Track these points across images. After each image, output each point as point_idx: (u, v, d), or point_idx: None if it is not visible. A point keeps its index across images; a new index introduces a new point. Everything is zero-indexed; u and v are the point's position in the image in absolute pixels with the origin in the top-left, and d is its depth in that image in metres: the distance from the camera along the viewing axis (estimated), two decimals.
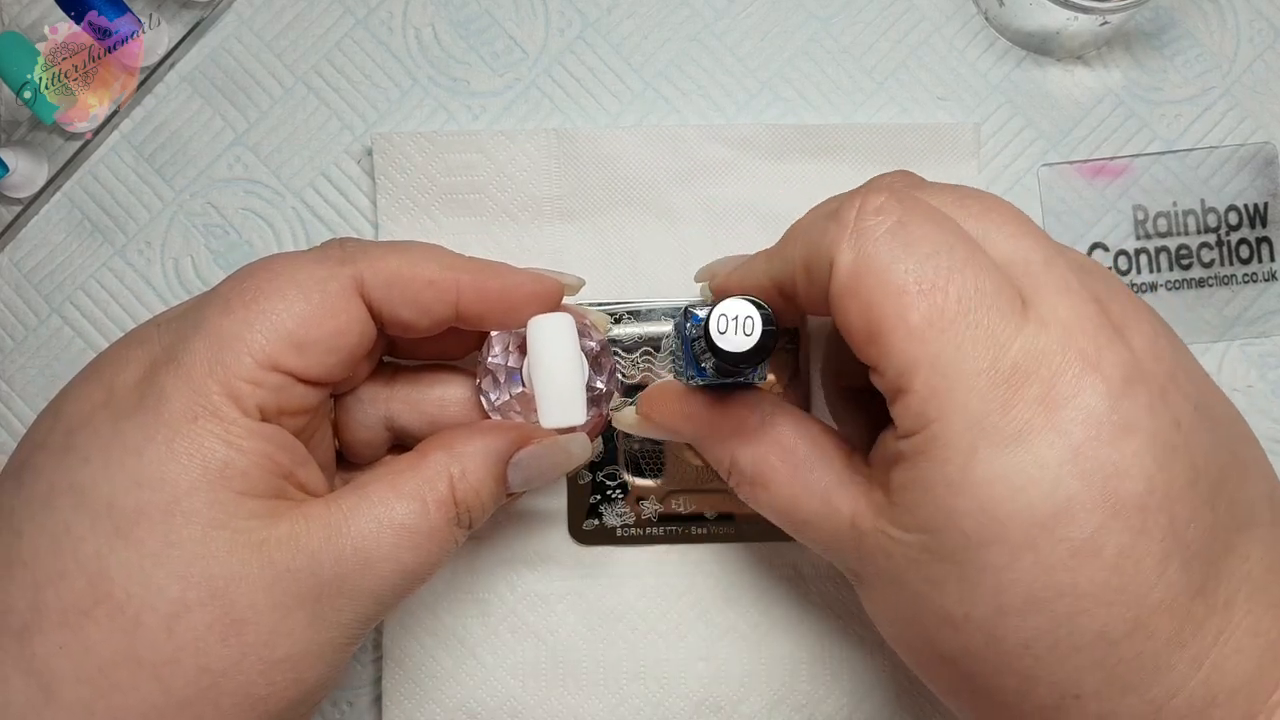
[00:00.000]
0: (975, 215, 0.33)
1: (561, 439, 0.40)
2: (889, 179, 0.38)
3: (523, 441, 0.39)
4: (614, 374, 0.44)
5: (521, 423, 0.40)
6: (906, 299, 0.31)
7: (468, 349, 0.44)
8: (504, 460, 0.38)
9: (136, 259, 0.52)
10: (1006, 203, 0.34)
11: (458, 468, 0.37)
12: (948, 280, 0.30)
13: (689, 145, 0.51)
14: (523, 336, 0.41)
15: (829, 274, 0.33)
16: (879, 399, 0.34)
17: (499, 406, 0.41)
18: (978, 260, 0.31)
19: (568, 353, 0.39)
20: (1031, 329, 0.30)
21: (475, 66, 0.53)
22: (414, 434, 0.42)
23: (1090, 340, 0.31)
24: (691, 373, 0.38)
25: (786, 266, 0.37)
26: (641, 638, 0.49)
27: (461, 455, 0.37)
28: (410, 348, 0.43)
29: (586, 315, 0.45)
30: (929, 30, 0.53)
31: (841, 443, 0.38)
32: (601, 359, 0.43)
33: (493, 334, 0.42)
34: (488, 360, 0.42)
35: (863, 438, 0.40)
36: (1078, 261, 0.34)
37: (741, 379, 0.37)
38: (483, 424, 0.40)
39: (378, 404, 0.41)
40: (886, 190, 0.33)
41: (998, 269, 0.31)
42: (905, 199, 0.33)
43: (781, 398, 0.48)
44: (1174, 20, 0.53)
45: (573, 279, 0.43)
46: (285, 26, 0.53)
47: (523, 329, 0.40)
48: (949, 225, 0.32)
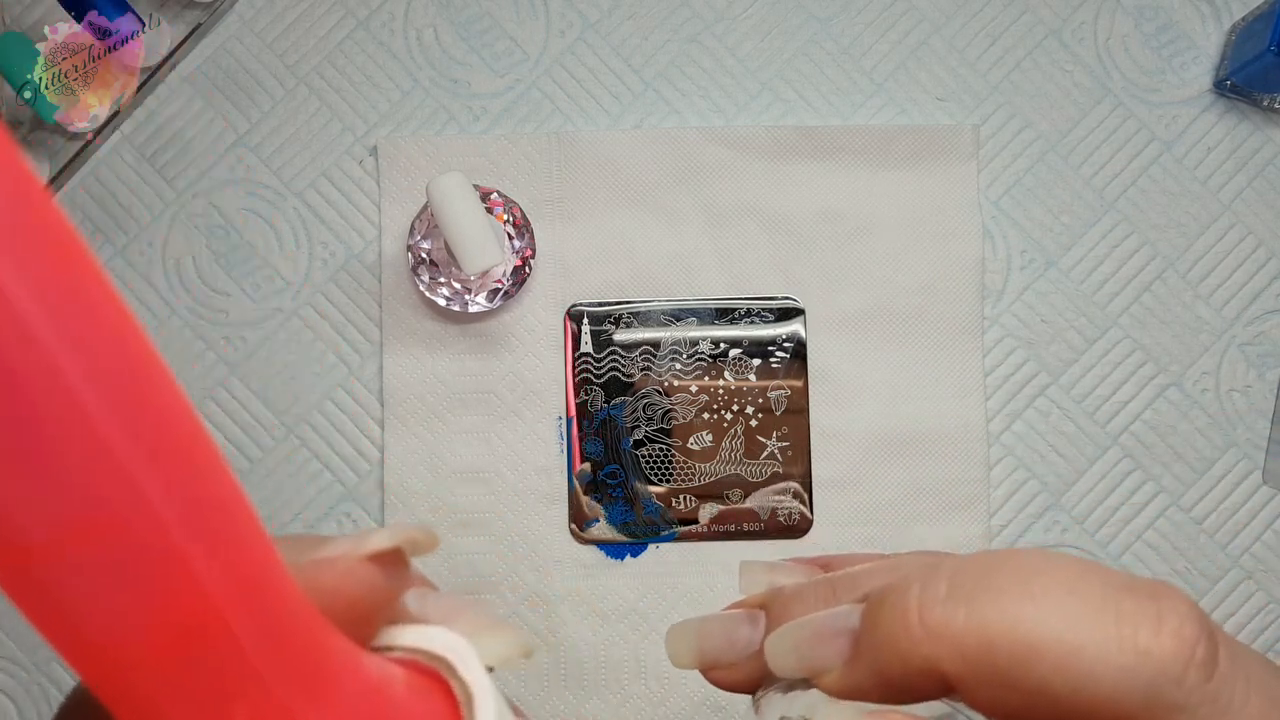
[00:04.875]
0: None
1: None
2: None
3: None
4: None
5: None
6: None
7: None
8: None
9: (138, 259, 0.52)
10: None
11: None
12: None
13: (689, 147, 0.51)
14: (429, 221, 0.44)
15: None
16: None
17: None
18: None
19: (467, 204, 0.40)
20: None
21: (476, 68, 0.53)
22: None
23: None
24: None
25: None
26: (643, 638, 0.49)
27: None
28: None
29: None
30: (929, 31, 0.53)
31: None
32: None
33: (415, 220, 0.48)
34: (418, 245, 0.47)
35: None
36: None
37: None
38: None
39: None
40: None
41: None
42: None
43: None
44: (1172, 22, 0.53)
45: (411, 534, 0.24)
46: (287, 28, 0.53)
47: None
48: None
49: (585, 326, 0.51)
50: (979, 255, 0.51)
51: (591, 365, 0.50)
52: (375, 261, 0.52)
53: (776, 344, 0.50)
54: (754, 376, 0.50)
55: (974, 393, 0.51)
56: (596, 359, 0.50)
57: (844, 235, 0.51)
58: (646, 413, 0.50)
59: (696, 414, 0.50)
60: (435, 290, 0.49)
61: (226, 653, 0.13)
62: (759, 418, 0.50)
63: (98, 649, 0.12)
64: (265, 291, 0.52)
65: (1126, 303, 0.52)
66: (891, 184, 0.51)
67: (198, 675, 0.13)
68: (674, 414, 0.50)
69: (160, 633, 0.12)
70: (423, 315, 0.51)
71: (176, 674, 0.13)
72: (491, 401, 0.51)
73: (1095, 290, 0.52)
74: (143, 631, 0.12)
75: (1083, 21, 0.53)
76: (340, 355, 0.52)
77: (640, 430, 0.50)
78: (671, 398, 0.50)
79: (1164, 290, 0.52)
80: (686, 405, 0.50)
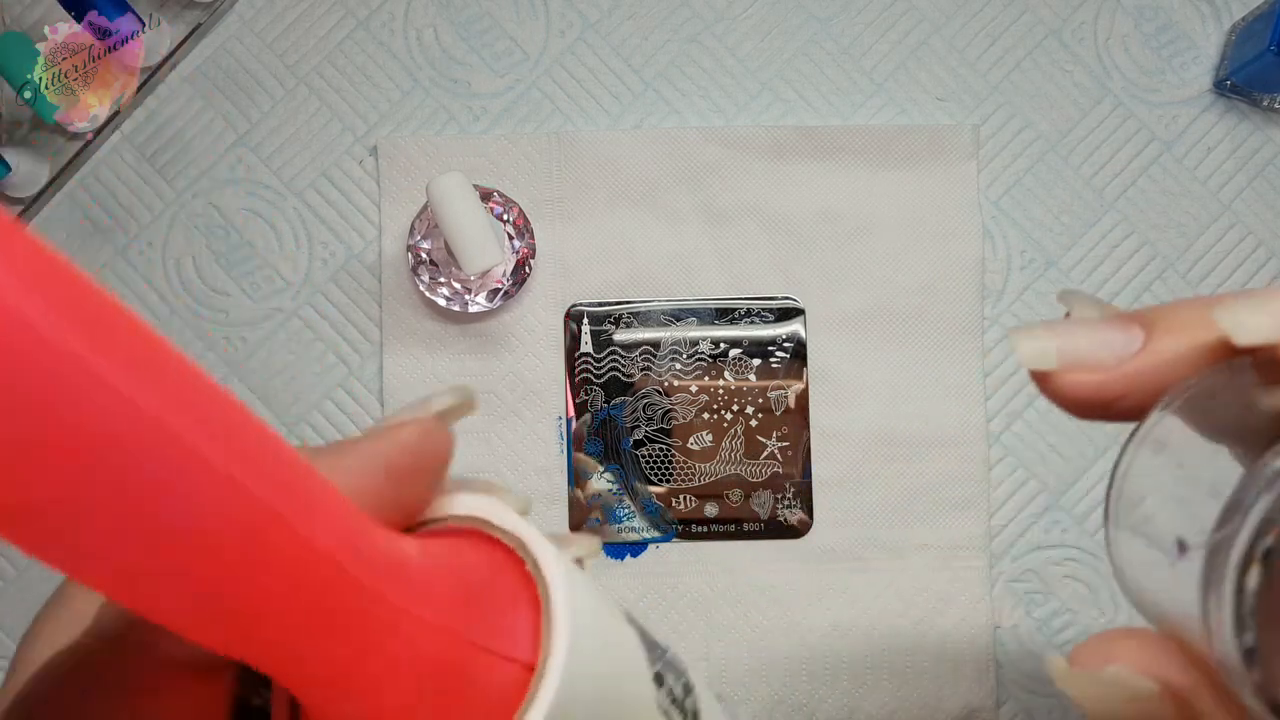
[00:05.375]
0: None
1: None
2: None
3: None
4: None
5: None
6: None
7: None
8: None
9: (138, 259, 0.52)
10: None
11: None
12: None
13: (689, 147, 0.51)
14: (429, 221, 0.44)
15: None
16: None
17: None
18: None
19: (467, 204, 0.39)
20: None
21: (476, 68, 0.53)
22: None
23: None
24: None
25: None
26: None
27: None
28: None
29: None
30: (928, 31, 0.53)
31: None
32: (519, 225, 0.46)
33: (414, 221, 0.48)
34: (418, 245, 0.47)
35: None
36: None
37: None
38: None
39: None
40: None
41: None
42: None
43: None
44: (1172, 22, 0.53)
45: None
46: (287, 28, 0.53)
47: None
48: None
49: (585, 326, 0.51)
50: (979, 255, 0.51)
51: (591, 365, 0.50)
52: (375, 261, 0.52)
53: (776, 344, 0.50)
54: (754, 376, 0.50)
55: (974, 393, 0.51)
56: (596, 359, 0.50)
57: (844, 235, 0.51)
58: (646, 413, 0.50)
59: (696, 414, 0.50)
60: (435, 290, 0.49)
61: (342, 583, 0.16)
62: (759, 418, 0.50)
63: (232, 615, 0.15)
64: (265, 291, 0.52)
65: (1126, 303, 0.52)
66: (891, 184, 0.51)
67: (322, 610, 0.16)
68: (674, 414, 0.50)
69: (289, 589, 0.15)
70: (423, 315, 0.51)
71: (305, 616, 0.16)
72: (491, 401, 0.51)
73: (1095, 290, 0.52)
74: (274, 594, 0.15)
75: (1083, 21, 0.53)
76: (340, 355, 0.52)
77: (640, 430, 0.50)
78: (671, 398, 0.50)
79: (1164, 290, 0.52)
80: (686, 405, 0.50)
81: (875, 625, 0.49)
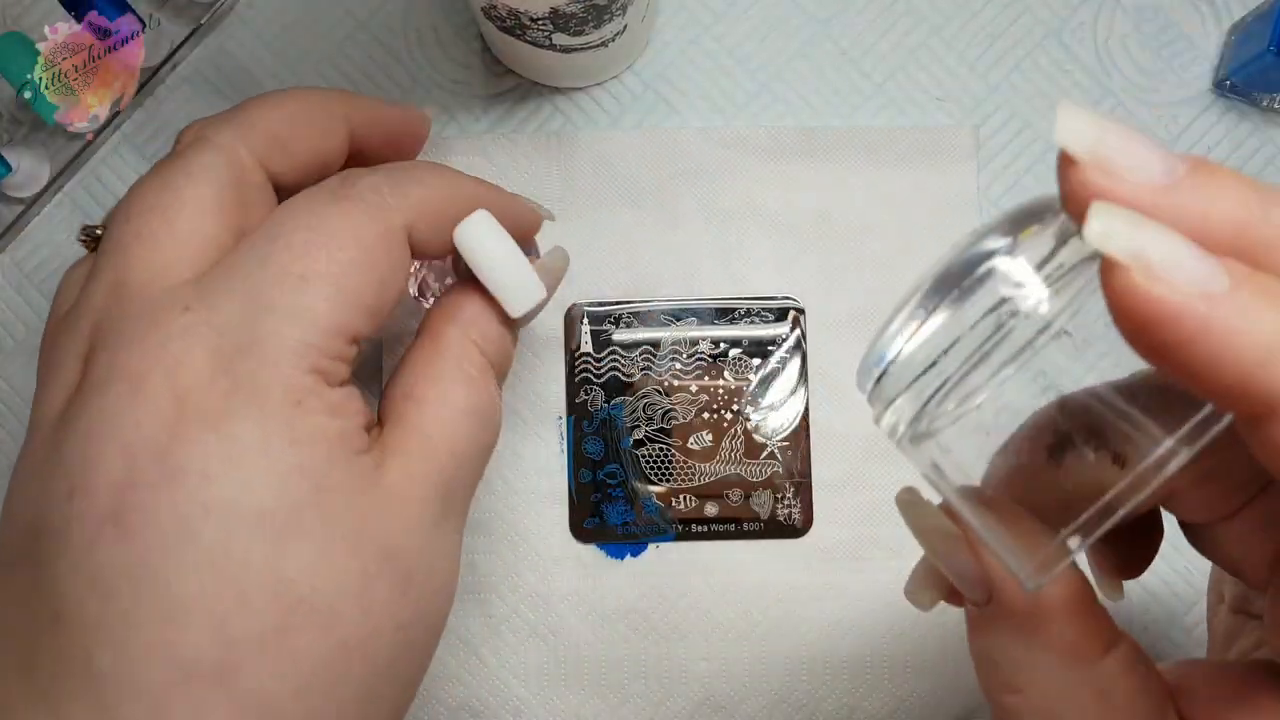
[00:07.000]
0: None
1: (545, 261, 0.41)
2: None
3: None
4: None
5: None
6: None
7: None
8: (501, 311, 0.38)
9: None
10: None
11: (476, 333, 0.37)
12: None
13: (688, 147, 0.51)
14: (441, 268, 0.45)
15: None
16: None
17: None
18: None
19: (502, 243, 0.38)
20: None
21: (476, 69, 0.53)
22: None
23: None
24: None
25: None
26: (642, 637, 0.49)
27: (471, 321, 0.38)
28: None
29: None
30: (928, 32, 0.53)
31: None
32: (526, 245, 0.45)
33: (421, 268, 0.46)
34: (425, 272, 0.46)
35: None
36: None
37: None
38: (465, 287, 0.39)
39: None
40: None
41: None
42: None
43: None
44: (1172, 22, 0.53)
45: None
46: (286, 28, 0.53)
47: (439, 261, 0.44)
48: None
49: (585, 326, 0.51)
50: None
51: (591, 365, 0.50)
52: None
53: (776, 344, 0.50)
54: (754, 376, 0.50)
55: None
56: (596, 359, 0.50)
57: (844, 235, 0.51)
58: (646, 412, 0.50)
59: (696, 414, 0.50)
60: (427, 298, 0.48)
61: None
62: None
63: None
64: None
65: None
66: (891, 184, 0.51)
67: None
68: (674, 414, 0.50)
69: None
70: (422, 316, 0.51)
71: None
72: None
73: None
74: None
75: (1082, 22, 0.53)
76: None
77: (640, 430, 0.50)
78: (671, 397, 0.50)
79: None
80: (686, 405, 0.50)
81: (875, 625, 0.49)
